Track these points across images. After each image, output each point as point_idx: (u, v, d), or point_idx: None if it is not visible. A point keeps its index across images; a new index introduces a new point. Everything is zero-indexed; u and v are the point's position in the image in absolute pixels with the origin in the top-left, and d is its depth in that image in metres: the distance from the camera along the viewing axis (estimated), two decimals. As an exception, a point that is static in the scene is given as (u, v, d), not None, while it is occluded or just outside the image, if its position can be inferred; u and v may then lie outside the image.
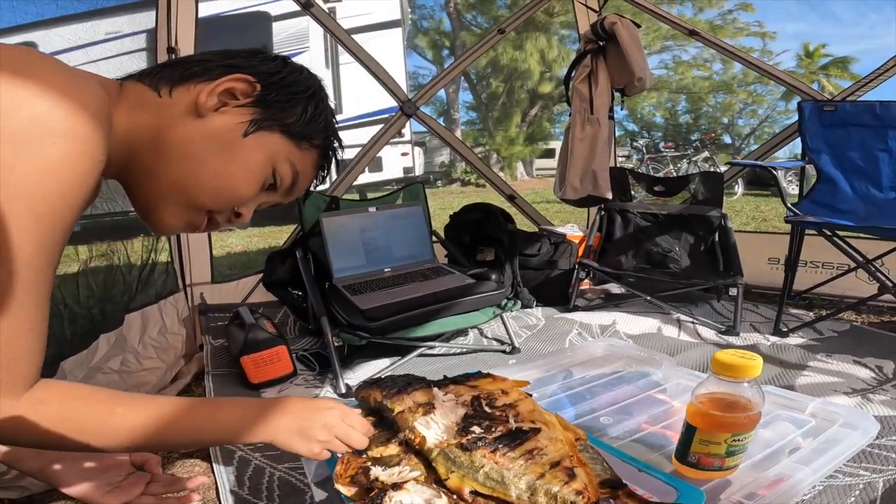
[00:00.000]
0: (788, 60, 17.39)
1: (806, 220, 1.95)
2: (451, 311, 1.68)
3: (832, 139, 2.23)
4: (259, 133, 0.61)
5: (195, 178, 0.60)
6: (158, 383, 1.65)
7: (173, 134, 0.58)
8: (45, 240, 0.48)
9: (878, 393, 1.48)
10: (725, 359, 0.56)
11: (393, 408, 0.69)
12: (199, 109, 0.59)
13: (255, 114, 0.61)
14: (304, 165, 0.67)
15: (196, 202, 0.61)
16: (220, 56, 0.63)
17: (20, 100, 0.46)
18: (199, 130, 0.59)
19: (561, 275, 2.41)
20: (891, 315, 2.23)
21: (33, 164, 0.46)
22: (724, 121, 18.64)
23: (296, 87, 0.64)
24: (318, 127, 0.66)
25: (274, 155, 0.63)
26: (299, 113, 0.64)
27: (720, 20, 15.04)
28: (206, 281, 2.21)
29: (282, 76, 0.63)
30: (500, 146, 15.57)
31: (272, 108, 0.62)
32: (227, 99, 0.60)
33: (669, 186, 2.47)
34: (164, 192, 0.60)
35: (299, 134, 0.64)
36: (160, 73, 0.61)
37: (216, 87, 0.59)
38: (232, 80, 0.60)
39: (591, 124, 2.41)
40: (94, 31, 1.83)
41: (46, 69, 0.49)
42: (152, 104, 0.59)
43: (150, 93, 0.59)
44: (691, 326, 2.11)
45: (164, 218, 0.61)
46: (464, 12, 15.79)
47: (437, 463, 0.58)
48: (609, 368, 0.97)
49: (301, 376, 1.71)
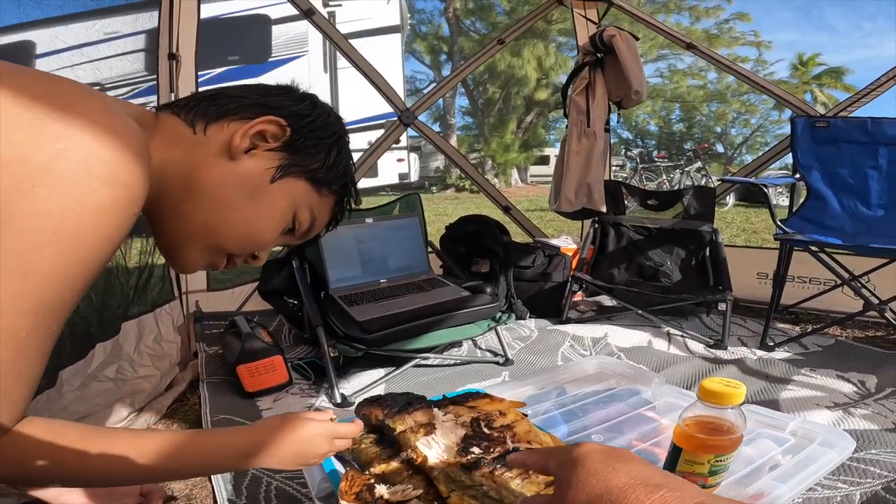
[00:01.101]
0: (782, 70, 17.65)
1: (794, 238, 2.00)
2: (446, 323, 1.70)
3: (823, 155, 2.26)
4: (285, 179, 0.62)
5: (223, 223, 0.60)
6: (153, 391, 1.66)
7: (205, 175, 0.59)
8: (66, 291, 0.46)
9: (860, 407, 1.52)
10: (711, 387, 0.60)
11: (395, 427, 0.71)
12: (231, 151, 0.59)
13: (283, 159, 0.62)
14: (321, 211, 0.68)
15: (221, 245, 0.62)
16: (254, 93, 0.63)
17: (67, 140, 0.44)
18: (231, 173, 0.59)
19: (554, 287, 2.44)
20: (875, 330, 2.28)
21: (72, 210, 0.44)
22: (717, 130, 18.85)
23: (322, 131, 0.65)
24: (338, 173, 0.67)
25: (297, 201, 0.64)
26: (322, 159, 0.65)
27: (716, 29, 15.25)
28: (202, 289, 2.22)
29: (311, 119, 0.64)
30: (496, 152, 15.65)
31: (299, 153, 0.63)
32: (259, 141, 0.61)
33: (662, 200, 2.51)
34: (192, 234, 0.60)
35: (321, 180, 0.65)
36: (196, 107, 0.61)
37: (249, 129, 0.59)
38: (264, 122, 0.60)
39: (588, 137, 2.44)
40: (93, 32, 1.83)
41: (92, 106, 0.48)
42: (187, 140, 0.59)
43: (184, 128, 0.60)
44: (681, 340, 2.14)
45: (189, 257, 0.62)
46: (463, 18, 15.88)
47: (438, 481, 0.61)
48: (601, 386, 1.00)
49: (296, 385, 1.73)
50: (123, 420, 1.48)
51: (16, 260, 0.42)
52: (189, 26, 2.09)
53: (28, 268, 0.43)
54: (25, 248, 0.43)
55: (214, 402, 1.60)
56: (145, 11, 2.02)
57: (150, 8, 1.99)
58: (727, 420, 0.62)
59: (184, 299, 2.11)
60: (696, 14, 14.82)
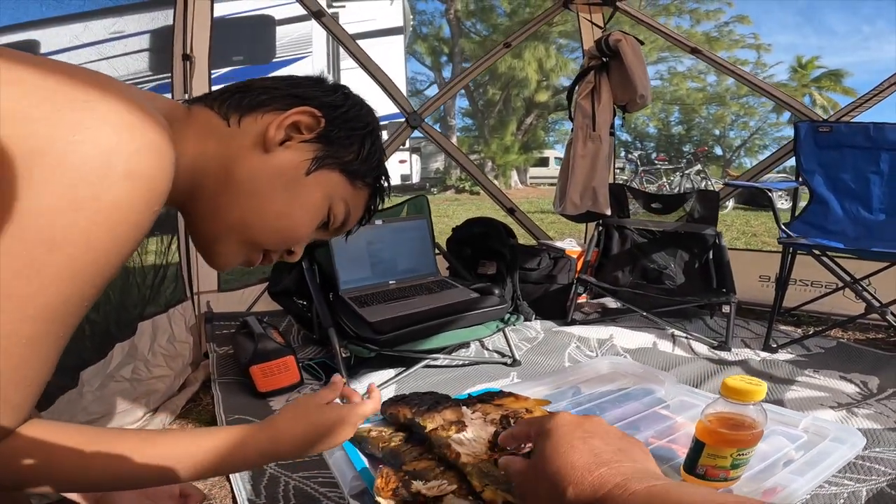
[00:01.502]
0: (782, 72, 17.71)
1: (798, 242, 2.03)
2: (456, 324, 1.73)
3: (826, 160, 2.29)
4: (320, 172, 0.61)
5: (259, 217, 0.59)
6: (167, 391, 1.68)
7: (241, 168, 0.57)
8: (76, 295, 0.43)
9: (863, 407, 1.55)
10: (734, 384, 0.63)
11: (425, 425, 0.74)
12: (266, 143, 0.58)
13: (318, 151, 0.60)
14: (356, 204, 0.66)
15: (257, 240, 0.61)
16: (285, 84, 0.62)
17: (84, 132, 0.41)
18: (266, 166, 0.58)
19: (559, 289, 2.47)
20: (876, 333, 2.31)
21: (85, 208, 0.41)
22: (715, 132, 18.92)
23: (356, 122, 0.63)
24: (372, 165, 0.65)
25: (331, 194, 0.62)
26: (357, 150, 0.63)
27: (716, 32, 15.31)
28: (213, 289, 2.24)
29: (344, 110, 0.62)
30: (496, 154, 15.68)
31: (334, 145, 0.61)
32: (293, 132, 0.59)
33: (666, 203, 2.54)
34: (227, 228, 0.59)
35: (355, 172, 0.63)
36: (229, 99, 0.60)
37: (284, 121, 0.58)
38: (299, 112, 0.59)
39: (593, 141, 2.46)
40: (98, 31, 1.85)
41: (114, 97, 0.44)
42: (221, 133, 0.58)
43: (218, 120, 0.59)
44: (685, 341, 2.17)
45: (225, 252, 0.61)
46: (464, 19, 15.93)
47: (471, 476, 0.63)
48: (615, 385, 1.03)
49: (308, 386, 1.75)
50: (139, 420, 1.50)
51: (21, 260, 0.40)
52: (203, 27, 2.11)
53: (34, 269, 0.40)
54: (32, 248, 0.40)
55: (228, 403, 1.63)
56: (159, 10, 2.03)
57: (165, 6, 2.01)
58: (749, 416, 0.64)
59: (195, 300, 2.13)
60: (696, 17, 14.89)
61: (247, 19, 7.27)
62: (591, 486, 0.43)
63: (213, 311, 2.16)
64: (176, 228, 1.99)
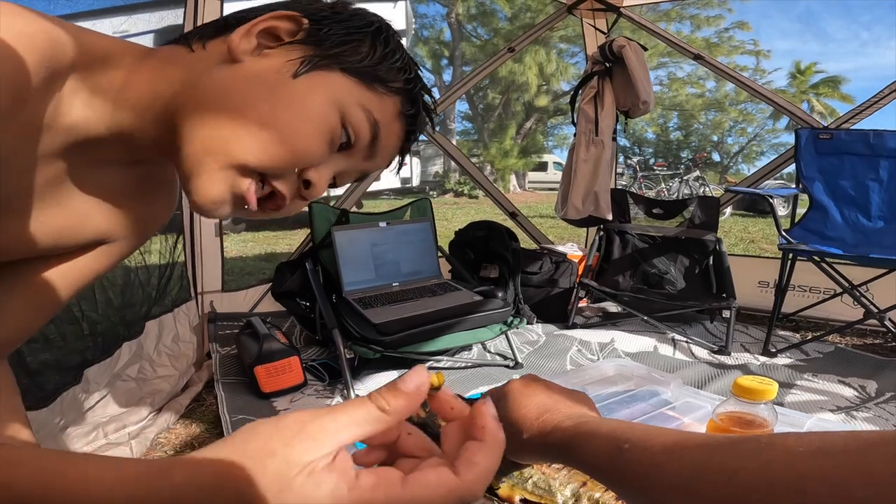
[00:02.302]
0: (780, 78, 17.82)
1: (798, 248, 2.05)
2: (459, 327, 1.74)
3: (826, 167, 2.32)
4: (314, 73, 0.49)
5: (238, 127, 0.47)
6: (172, 391, 1.68)
7: (207, 83, 0.48)
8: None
9: (862, 411, 1.57)
10: (746, 383, 0.63)
11: (440, 423, 0.75)
12: (233, 53, 0.48)
13: (307, 51, 0.49)
14: (383, 114, 0.52)
15: (239, 158, 0.47)
16: (262, 7, 0.51)
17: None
18: (236, 74, 0.48)
19: (561, 293, 2.49)
20: (874, 338, 2.33)
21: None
22: (713, 138, 19.02)
23: (356, 20, 0.51)
24: (392, 66, 0.52)
25: (338, 98, 0.49)
26: (366, 51, 0.51)
27: (716, 38, 15.39)
28: (217, 289, 2.25)
29: (335, 11, 0.51)
30: (495, 158, 15.71)
31: (327, 43, 0.49)
32: (269, 41, 0.49)
33: (667, 209, 2.56)
34: (204, 150, 0.47)
35: (370, 74, 0.50)
36: (196, 31, 0.51)
37: (253, 28, 0.48)
38: (271, 17, 0.49)
39: (596, 146, 2.49)
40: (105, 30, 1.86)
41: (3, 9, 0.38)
42: (183, 59, 0.49)
43: (182, 49, 0.50)
44: (685, 345, 2.19)
45: (204, 185, 0.47)
46: (465, 23, 15.99)
47: None
48: (621, 387, 1.04)
49: (311, 386, 1.76)
50: (143, 420, 1.50)
51: None
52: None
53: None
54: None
55: (231, 403, 1.63)
56: (169, 9, 2.04)
57: (176, 6, 2.02)
58: (760, 415, 0.65)
59: (199, 299, 2.14)
60: (696, 22, 14.97)
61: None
62: (538, 429, 0.51)
63: (216, 311, 2.17)
64: (181, 227, 1.99)
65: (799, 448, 0.30)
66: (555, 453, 0.49)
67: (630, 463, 0.40)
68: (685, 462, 0.36)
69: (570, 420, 0.49)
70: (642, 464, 0.39)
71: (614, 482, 0.43)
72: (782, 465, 0.30)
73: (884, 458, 0.27)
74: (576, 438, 0.46)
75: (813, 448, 0.30)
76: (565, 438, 0.47)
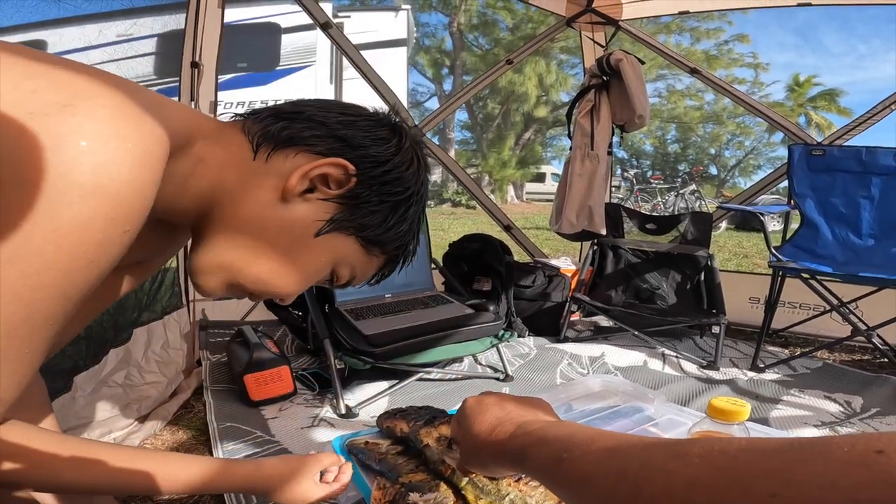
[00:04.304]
0: (778, 91, 17.95)
1: (788, 266, 2.07)
2: (451, 339, 1.74)
3: (818, 184, 2.34)
4: (332, 234, 0.55)
5: (252, 268, 0.55)
6: (159, 397, 1.68)
7: (251, 210, 0.53)
8: (37, 313, 0.40)
9: (846, 426, 1.59)
10: (719, 404, 0.65)
11: (421, 440, 0.76)
12: (285, 192, 0.53)
13: (338, 211, 0.55)
14: (364, 270, 0.60)
15: (243, 287, 0.57)
16: (337, 120, 0.55)
17: (53, 139, 0.37)
18: (276, 216, 0.53)
19: (553, 307, 2.49)
20: (862, 354, 2.35)
21: (41, 227, 0.37)
22: (711, 151, 19.13)
23: (393, 186, 0.57)
24: (395, 235, 0.59)
25: (339, 259, 0.57)
26: (382, 219, 0.57)
27: (716, 50, 15.51)
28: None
29: (385, 170, 0.56)
30: (493, 168, 15.76)
31: (358, 209, 0.55)
32: (319, 183, 0.54)
33: (660, 224, 2.58)
34: (218, 267, 0.55)
35: (373, 241, 0.57)
36: (271, 126, 0.54)
37: (312, 170, 0.53)
38: (331, 164, 0.53)
39: (591, 160, 2.50)
40: (106, 33, 1.87)
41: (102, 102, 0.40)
42: (245, 167, 0.54)
43: (246, 150, 0.54)
44: (675, 360, 2.20)
45: (209, 285, 0.57)
46: (466, 33, 16.09)
47: (466, 491, 0.65)
48: (606, 403, 1.05)
49: (301, 396, 1.76)
50: (129, 426, 1.50)
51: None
52: (213, 33, 2.13)
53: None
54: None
55: (220, 411, 1.63)
56: (171, 14, 2.06)
57: (178, 11, 2.03)
58: (733, 435, 0.67)
59: (191, 307, 2.14)
60: (696, 35, 15.09)
61: (253, 26, 7.32)
62: (493, 441, 0.53)
63: (207, 318, 2.17)
64: (174, 235, 1.99)
65: (696, 459, 0.31)
66: (510, 463, 0.51)
67: (566, 472, 0.41)
68: (613, 470, 0.37)
69: (521, 429, 0.51)
70: (576, 473, 0.40)
71: (557, 490, 0.44)
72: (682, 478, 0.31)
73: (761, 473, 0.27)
74: (526, 447, 0.48)
75: (710, 458, 0.31)
76: (516, 448, 0.49)
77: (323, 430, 1.53)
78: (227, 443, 1.43)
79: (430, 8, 15.79)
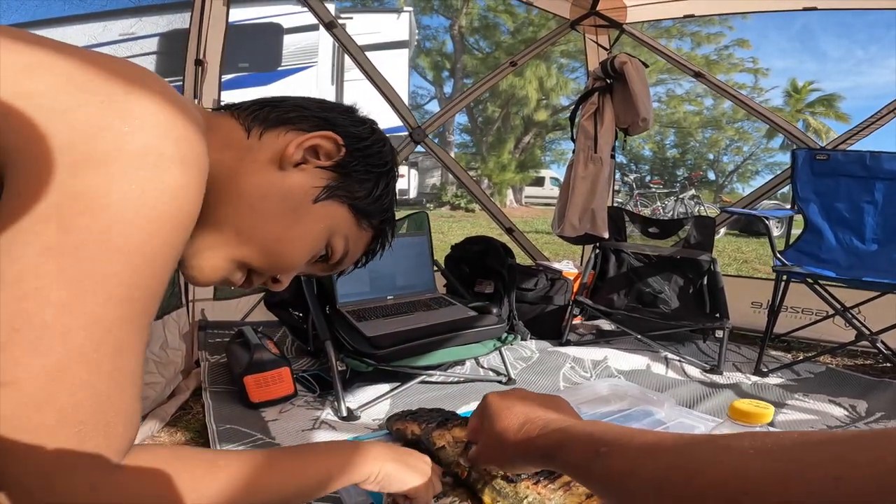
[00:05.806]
0: (777, 97, 18.01)
1: (792, 271, 2.06)
2: (453, 342, 1.73)
3: (822, 189, 2.33)
4: (328, 202, 0.58)
5: (256, 236, 0.56)
6: (157, 398, 1.66)
7: (250, 181, 0.55)
8: (152, 278, 0.41)
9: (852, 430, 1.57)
10: (742, 407, 0.64)
11: (434, 442, 0.74)
12: (282, 161, 0.56)
13: (332, 179, 0.58)
14: (356, 244, 0.63)
15: (246, 260, 0.57)
16: (317, 105, 0.61)
17: (133, 121, 0.40)
18: (276, 184, 0.56)
19: (555, 310, 2.48)
20: (864, 359, 2.34)
21: (149, 191, 0.40)
22: (709, 157, 19.18)
23: (376, 158, 0.61)
24: (381, 206, 0.63)
25: (334, 228, 0.59)
26: (370, 188, 0.61)
27: (716, 55, 15.55)
28: (208, 297, 2.23)
29: (367, 144, 0.61)
30: (492, 171, 15.76)
31: (349, 177, 0.59)
32: (311, 156, 0.57)
33: (663, 228, 2.57)
34: (220, 241, 0.55)
35: (363, 211, 0.61)
36: (258, 111, 0.58)
37: (305, 141, 0.56)
38: (322, 136, 0.57)
39: (594, 163, 2.49)
40: (109, 32, 1.86)
41: (157, 87, 0.44)
42: (239, 145, 0.56)
43: (240, 131, 0.57)
44: (678, 364, 2.18)
45: (209, 266, 0.56)
46: (467, 36, 16.12)
47: (483, 494, 0.64)
48: (615, 407, 1.03)
49: (301, 398, 1.74)
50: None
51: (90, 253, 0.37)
52: (217, 33, 2.12)
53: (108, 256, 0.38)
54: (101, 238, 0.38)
55: (219, 412, 1.61)
56: (176, 13, 2.05)
57: (183, 10, 2.02)
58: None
59: (190, 307, 2.12)
60: (697, 40, 15.12)
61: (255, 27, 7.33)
62: (522, 438, 0.54)
63: (207, 319, 2.15)
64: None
65: (750, 450, 0.32)
66: (539, 460, 0.53)
67: (606, 467, 0.41)
68: (659, 464, 0.37)
69: (550, 426, 0.52)
70: (617, 467, 0.40)
71: (594, 484, 0.44)
72: (733, 468, 0.32)
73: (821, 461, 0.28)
74: (557, 444, 0.49)
75: (764, 449, 0.32)
76: (548, 445, 0.51)
77: (324, 433, 1.51)
78: (227, 445, 1.41)
79: (432, 10, 15.84)
